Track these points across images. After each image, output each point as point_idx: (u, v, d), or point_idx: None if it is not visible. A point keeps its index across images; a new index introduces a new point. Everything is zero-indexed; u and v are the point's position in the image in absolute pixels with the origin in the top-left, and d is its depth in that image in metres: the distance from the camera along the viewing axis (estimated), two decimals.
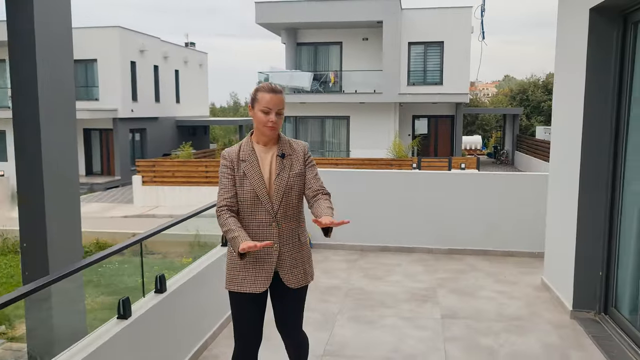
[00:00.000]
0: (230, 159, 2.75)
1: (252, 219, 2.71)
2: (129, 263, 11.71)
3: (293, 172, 2.76)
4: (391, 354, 3.88)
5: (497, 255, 6.45)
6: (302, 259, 2.80)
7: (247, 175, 2.70)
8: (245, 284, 2.72)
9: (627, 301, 4.17)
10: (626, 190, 4.19)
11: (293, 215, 2.76)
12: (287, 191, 2.73)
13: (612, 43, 4.21)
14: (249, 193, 2.70)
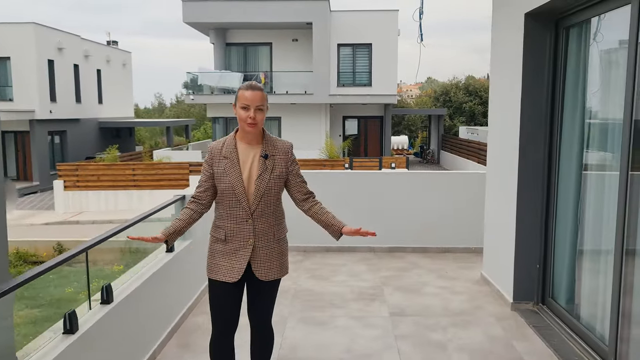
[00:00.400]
0: (212, 153, 2.88)
1: (229, 213, 2.84)
2: (54, 273, 11.06)
3: (274, 173, 2.85)
4: (344, 354, 3.89)
5: (436, 251, 6.63)
6: (276, 254, 2.92)
7: (226, 173, 2.80)
8: (220, 273, 2.86)
9: (563, 291, 4.40)
10: (560, 188, 4.41)
11: (270, 213, 2.87)
12: (267, 192, 2.83)
13: (545, 47, 4.43)
14: (227, 190, 2.81)
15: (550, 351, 3.90)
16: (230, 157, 2.82)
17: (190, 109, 56.13)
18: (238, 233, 2.83)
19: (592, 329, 3.87)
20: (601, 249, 3.83)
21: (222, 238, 2.87)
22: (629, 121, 3.28)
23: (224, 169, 2.81)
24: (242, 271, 2.84)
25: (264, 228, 2.86)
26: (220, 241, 2.89)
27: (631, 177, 3.30)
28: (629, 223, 3.33)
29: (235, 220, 2.83)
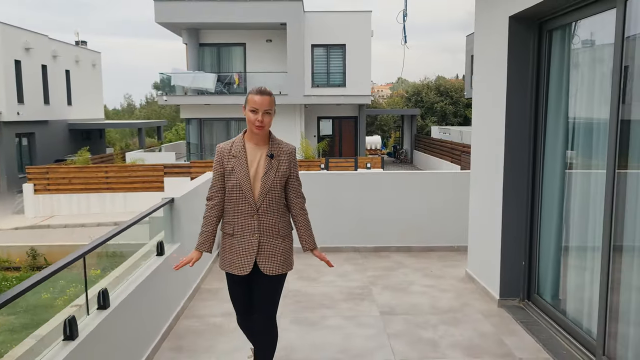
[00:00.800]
0: (221, 154, 3.08)
1: (235, 209, 3.04)
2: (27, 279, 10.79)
3: (279, 172, 3.06)
4: (339, 354, 3.92)
5: (420, 250, 6.72)
6: (280, 249, 3.09)
7: (235, 170, 3.00)
8: (232, 267, 3.09)
9: (549, 288, 4.52)
10: (545, 187, 4.53)
11: (274, 210, 3.06)
12: (272, 189, 3.03)
13: (529, 49, 4.55)
14: (235, 186, 3.00)
15: (539, 346, 4.00)
16: (239, 156, 3.03)
17: (161, 110, 55.43)
18: (244, 228, 3.03)
19: (579, 324, 3.98)
20: (587, 246, 3.94)
21: (230, 233, 3.08)
22: (615, 122, 3.39)
23: (232, 167, 3.02)
24: (251, 266, 3.04)
25: (268, 224, 3.05)
26: (228, 236, 3.10)
27: (618, 175, 3.42)
28: (616, 220, 3.45)
29: (242, 216, 3.03)
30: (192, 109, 24.58)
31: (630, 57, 3.32)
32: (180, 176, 19.82)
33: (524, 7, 4.27)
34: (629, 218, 3.37)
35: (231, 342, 4.13)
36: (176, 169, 20.02)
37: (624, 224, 3.41)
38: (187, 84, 23.68)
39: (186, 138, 25.87)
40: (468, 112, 43.03)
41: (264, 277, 3.08)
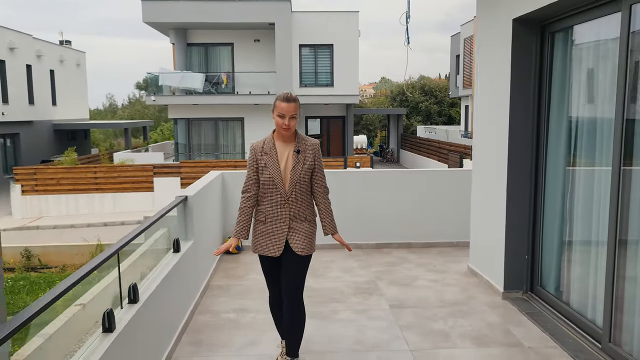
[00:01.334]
0: (255, 151, 3.47)
1: (269, 199, 3.42)
2: (24, 280, 10.77)
3: (305, 165, 3.43)
4: (356, 345, 4.05)
5: (421, 247, 6.89)
6: (307, 233, 3.47)
7: (267, 166, 3.39)
8: (265, 249, 3.47)
9: (552, 280, 4.70)
10: (548, 183, 4.71)
11: (302, 199, 3.45)
12: (300, 181, 3.41)
13: (532, 50, 4.72)
14: (268, 179, 3.39)
15: (545, 335, 4.18)
16: (270, 153, 3.42)
17: (145, 110, 55.06)
18: (276, 215, 3.42)
19: (583, 314, 4.16)
20: (590, 240, 4.12)
21: (262, 220, 3.46)
22: (621, 120, 3.57)
23: (265, 163, 3.41)
24: (282, 247, 3.42)
25: (297, 211, 3.44)
26: (261, 222, 3.47)
27: (623, 172, 3.60)
28: (622, 215, 3.63)
29: (274, 205, 3.41)
30: (180, 108, 24.53)
31: (635, 60, 3.50)
32: (170, 176, 19.80)
33: (527, 10, 4.44)
34: (633, 213, 3.55)
35: (247, 337, 4.24)
36: (166, 169, 19.98)
37: (629, 219, 3.59)
38: (175, 83, 23.62)
39: (174, 138, 25.79)
40: (452, 112, 43.49)
41: (294, 256, 3.43)
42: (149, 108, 54.71)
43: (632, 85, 3.53)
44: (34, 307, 2.29)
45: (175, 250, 4.47)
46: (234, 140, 25.31)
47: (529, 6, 4.41)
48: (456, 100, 41.34)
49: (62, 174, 19.64)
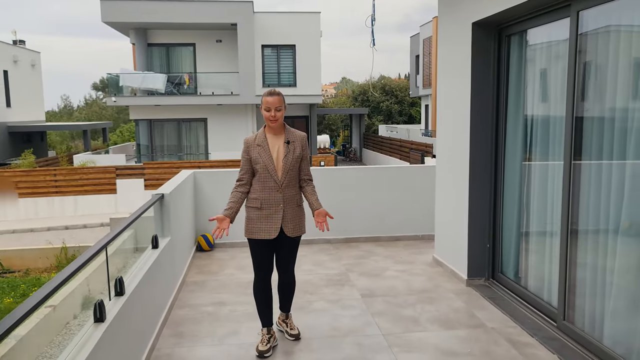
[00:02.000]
0: (247, 144, 3.82)
1: (264, 186, 3.76)
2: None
3: (295, 154, 3.81)
4: (332, 332, 4.27)
5: (387, 240, 7.17)
6: (298, 217, 3.88)
7: (261, 156, 3.74)
8: (261, 233, 3.78)
9: (512, 267, 5.04)
10: (507, 177, 5.04)
11: (293, 185, 3.83)
12: (291, 168, 3.78)
13: (490, 52, 5.04)
14: (262, 168, 3.74)
15: (506, 317, 4.49)
16: (262, 145, 3.77)
17: (102, 112, 54.00)
18: (272, 201, 3.76)
19: (540, 297, 4.50)
20: (545, 229, 4.46)
21: (258, 206, 3.78)
22: (571, 118, 3.90)
23: (258, 153, 3.75)
24: (278, 229, 3.77)
25: (290, 196, 3.81)
26: (256, 209, 3.78)
27: (573, 166, 3.93)
28: (573, 207, 3.97)
29: (269, 192, 3.75)
30: (142, 109, 24.26)
31: (582, 62, 3.83)
32: (133, 178, 19.60)
33: (485, 15, 4.76)
34: (583, 205, 3.89)
35: (227, 328, 4.40)
36: (129, 171, 19.76)
37: (579, 210, 3.93)
38: (136, 84, 23.35)
39: (136, 139, 25.47)
40: (413, 111, 44.30)
41: (287, 239, 3.84)
42: (107, 109, 53.64)
43: (581, 85, 3.86)
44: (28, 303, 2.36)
45: (154, 246, 4.59)
46: (197, 141, 25.18)
47: (487, 11, 4.72)
48: (416, 99, 42.13)
49: (20, 177, 19.18)
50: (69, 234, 17.13)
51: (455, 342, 4.04)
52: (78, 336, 2.83)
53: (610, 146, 3.57)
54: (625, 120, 3.43)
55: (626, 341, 3.48)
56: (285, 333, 4.16)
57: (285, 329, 4.17)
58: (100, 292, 9.11)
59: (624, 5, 3.43)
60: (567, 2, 3.91)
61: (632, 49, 3.37)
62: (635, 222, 3.39)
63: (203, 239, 6.80)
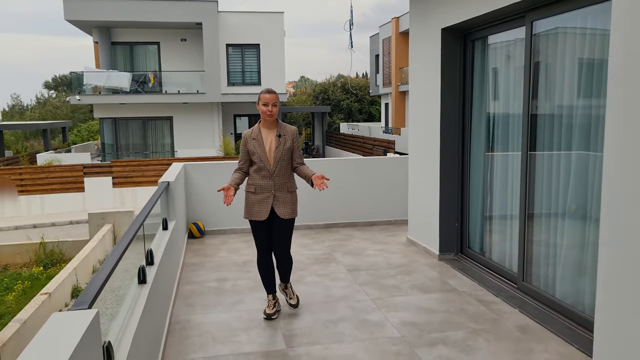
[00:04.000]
0: (245, 138, 4.35)
1: (258, 174, 4.30)
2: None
3: (286, 146, 4.32)
4: (326, 298, 4.90)
5: (364, 225, 7.85)
6: (289, 201, 4.35)
7: (255, 148, 4.28)
8: (255, 215, 4.32)
9: (478, 242, 5.79)
10: (472, 165, 5.78)
11: (284, 174, 4.32)
12: (282, 158, 4.28)
13: (457, 55, 5.77)
14: (257, 159, 4.27)
15: (474, 283, 5.22)
16: (257, 138, 4.30)
17: (57, 111, 52.87)
18: (264, 186, 4.27)
19: (503, 265, 5.25)
20: (506, 211, 5.21)
21: (252, 191, 4.30)
22: (527, 113, 4.65)
23: (254, 146, 4.29)
24: (268, 212, 4.28)
25: (280, 183, 4.30)
26: (251, 193, 4.31)
27: (529, 156, 4.68)
28: (529, 191, 4.72)
29: (262, 179, 4.27)
30: (107, 108, 24.26)
31: (535, 65, 4.58)
32: (101, 176, 19.68)
33: (452, 23, 5.47)
34: (537, 191, 4.64)
35: (233, 298, 4.97)
36: (96, 169, 19.83)
37: (534, 195, 4.68)
38: (100, 83, 23.35)
39: (100, 138, 25.41)
40: (372, 109, 45.35)
41: (280, 220, 4.32)
42: (61, 108, 52.58)
43: (535, 85, 4.61)
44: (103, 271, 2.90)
45: (164, 228, 5.10)
46: (162, 140, 25.34)
47: (454, 19, 5.43)
48: (376, 98, 43.17)
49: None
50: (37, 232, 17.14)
51: (433, 303, 4.73)
52: (130, 295, 3.35)
53: (559, 138, 4.32)
54: (570, 116, 4.18)
55: (573, 295, 4.24)
56: (286, 300, 4.68)
57: (286, 297, 4.68)
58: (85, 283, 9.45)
59: (570, 17, 4.18)
60: (522, 13, 4.65)
61: (575, 54, 4.13)
62: (579, 205, 4.15)
63: (194, 226, 7.31)
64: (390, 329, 4.20)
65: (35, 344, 1.72)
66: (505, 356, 3.71)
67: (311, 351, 3.84)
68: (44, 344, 1.73)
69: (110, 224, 12.05)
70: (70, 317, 1.88)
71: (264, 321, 4.40)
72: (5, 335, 6.17)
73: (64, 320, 1.86)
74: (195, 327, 4.33)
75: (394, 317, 4.43)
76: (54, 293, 7.71)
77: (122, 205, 19.47)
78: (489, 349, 3.82)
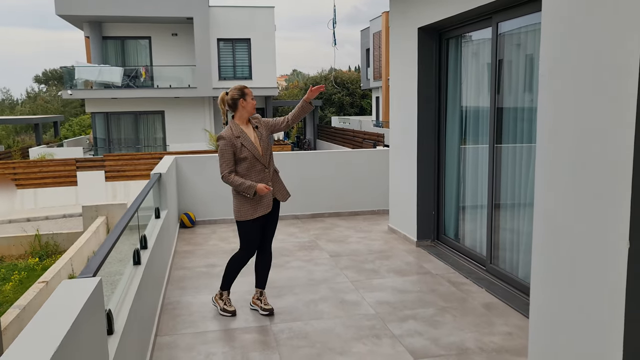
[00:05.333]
0: (228, 138, 4.19)
1: (251, 170, 4.22)
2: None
3: (265, 134, 4.36)
4: (309, 281, 5.25)
5: (348, 215, 8.20)
6: (282, 183, 4.49)
7: (244, 145, 4.19)
8: (261, 210, 4.24)
9: (452, 229, 6.16)
10: (447, 158, 6.14)
11: (272, 159, 4.37)
12: (268, 147, 4.35)
13: (432, 52, 6.11)
14: (249, 155, 4.19)
15: (448, 266, 5.60)
16: (242, 135, 4.22)
17: (47, 105, 52.84)
18: (261, 180, 4.25)
19: (474, 249, 5.63)
20: (477, 200, 5.58)
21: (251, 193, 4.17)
22: (494, 108, 5.01)
23: (241, 144, 4.19)
24: (272, 201, 4.30)
25: (272, 170, 4.37)
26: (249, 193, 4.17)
27: (495, 149, 5.05)
28: (495, 182, 5.09)
29: (258, 173, 4.24)
30: (99, 102, 24.44)
31: (500, 62, 4.94)
32: (94, 170, 19.93)
33: (428, 22, 5.81)
34: (504, 182, 5.01)
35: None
36: (89, 163, 20.06)
37: (500, 186, 5.05)
38: (92, 77, 23.52)
39: (92, 132, 25.60)
40: (364, 103, 45.68)
41: (275, 211, 4.43)
42: (52, 103, 52.56)
43: (499, 81, 4.97)
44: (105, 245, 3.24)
45: (157, 216, 5.43)
46: (154, 134, 25.56)
47: (429, 19, 5.77)
48: (367, 91, 43.48)
49: None
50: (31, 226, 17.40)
51: (407, 284, 5.10)
52: (126, 274, 3.69)
53: (522, 132, 4.69)
54: (531, 110, 4.55)
55: None
56: (259, 309, 4.48)
57: (260, 305, 4.50)
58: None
59: (531, 19, 4.53)
60: (489, 15, 5.00)
61: (535, 53, 4.48)
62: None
63: (186, 216, 7.64)
64: (366, 307, 4.56)
65: (47, 307, 2.06)
66: (468, 329, 4.08)
67: (292, 327, 4.20)
68: (54, 307, 2.06)
69: (104, 216, 12.35)
70: (77, 284, 2.22)
71: (249, 303, 4.73)
72: (6, 320, 6.49)
73: (73, 286, 2.20)
74: (186, 307, 4.67)
75: (370, 297, 4.79)
76: (50, 282, 8.03)
77: (114, 198, 19.74)
78: (455, 324, 4.19)
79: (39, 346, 1.68)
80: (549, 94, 2.78)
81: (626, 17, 2.28)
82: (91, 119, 25.72)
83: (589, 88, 2.52)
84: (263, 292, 4.60)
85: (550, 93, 2.77)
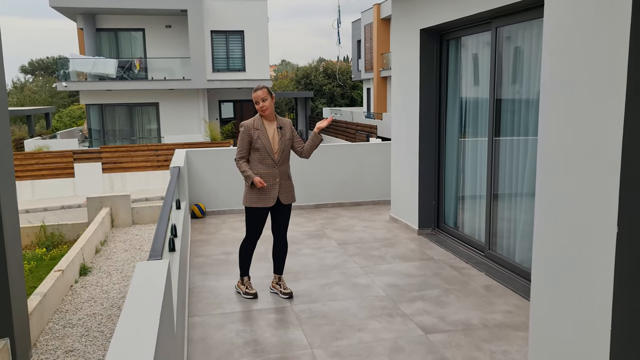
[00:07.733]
0: (248, 128, 4.56)
1: (262, 164, 4.57)
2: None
3: (286, 137, 4.67)
4: (321, 267, 5.66)
5: (350, 205, 8.62)
6: (291, 187, 4.74)
7: (260, 138, 4.54)
8: (262, 202, 4.59)
9: (452, 218, 6.59)
10: (447, 150, 6.56)
11: (286, 162, 4.65)
12: (284, 148, 4.63)
13: (434, 52, 6.51)
14: (261, 148, 4.53)
15: (449, 253, 6.03)
16: (261, 129, 4.57)
17: (35, 96, 52.55)
18: (270, 175, 4.57)
19: (473, 236, 6.07)
20: (476, 190, 6.01)
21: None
22: (493, 106, 5.43)
23: (258, 136, 4.54)
24: (275, 199, 4.62)
25: (283, 171, 4.64)
26: None
27: (494, 142, 5.47)
28: (493, 173, 5.51)
29: (268, 167, 4.56)
30: (93, 94, 24.58)
31: (499, 61, 5.35)
32: (91, 162, 20.15)
33: (430, 25, 6.20)
34: (502, 173, 5.44)
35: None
36: (86, 155, 20.27)
37: (498, 177, 5.48)
38: (87, 69, 23.64)
39: (88, 124, 25.73)
40: (354, 94, 46.03)
41: (282, 206, 4.70)
42: (39, 93, 52.31)
43: (498, 80, 5.38)
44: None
45: (177, 207, 5.80)
46: (149, 125, 25.76)
47: (430, 21, 6.16)
48: (358, 83, 43.82)
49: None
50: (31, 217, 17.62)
51: (413, 269, 5.53)
52: (164, 259, 4.06)
53: (519, 125, 5.11)
54: (527, 107, 4.97)
55: (529, 260, 5.06)
56: (279, 293, 4.85)
57: (279, 289, 4.86)
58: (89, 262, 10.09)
59: (526, 25, 4.94)
60: (489, 20, 5.40)
61: (531, 56, 4.90)
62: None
63: (196, 207, 8.00)
64: (376, 289, 4.98)
65: (135, 284, 2.44)
66: (471, 308, 4.52)
67: (312, 307, 4.61)
68: (142, 285, 2.44)
69: (108, 207, 12.64)
70: (152, 266, 2.60)
71: (268, 287, 5.13)
72: (30, 305, 6.82)
73: (149, 267, 2.58)
74: (210, 290, 5.07)
75: (379, 280, 5.22)
76: (66, 270, 8.37)
77: (112, 190, 20.00)
78: (459, 303, 4.62)
79: (146, 315, 2.06)
80: (550, 99, 3.19)
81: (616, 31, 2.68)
82: (85, 110, 25.82)
83: (586, 94, 2.93)
84: (281, 277, 4.96)
85: (550, 98, 3.18)
